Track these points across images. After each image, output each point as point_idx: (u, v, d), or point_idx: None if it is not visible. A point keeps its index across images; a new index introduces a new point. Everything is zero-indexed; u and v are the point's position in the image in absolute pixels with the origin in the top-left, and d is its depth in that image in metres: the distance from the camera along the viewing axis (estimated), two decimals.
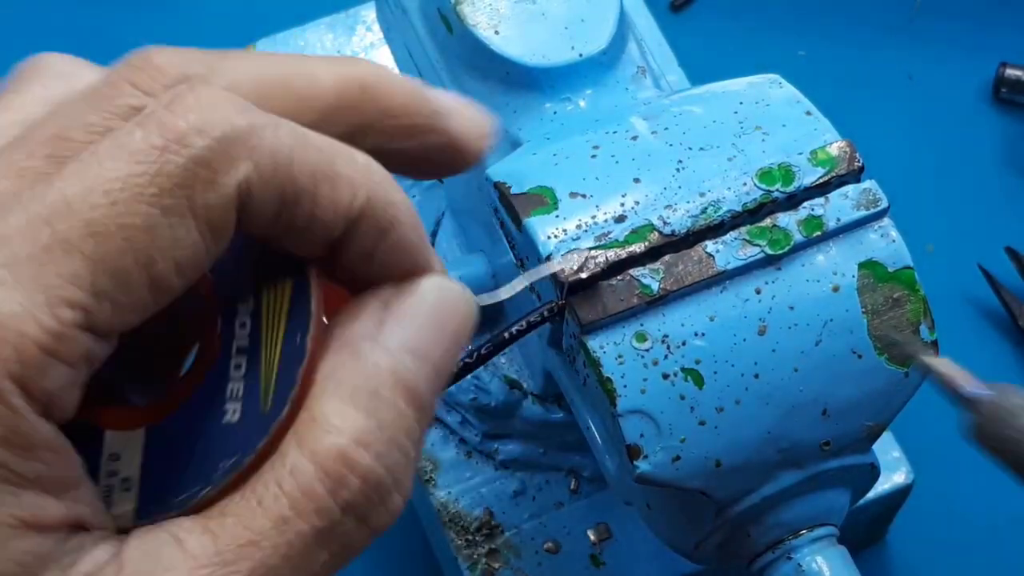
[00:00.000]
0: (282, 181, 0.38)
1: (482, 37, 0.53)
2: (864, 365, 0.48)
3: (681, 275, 0.47)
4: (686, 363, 0.47)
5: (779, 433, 0.47)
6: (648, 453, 0.47)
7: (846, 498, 0.51)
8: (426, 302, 0.40)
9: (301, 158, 0.38)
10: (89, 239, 0.36)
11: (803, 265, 0.48)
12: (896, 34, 0.79)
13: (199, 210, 0.37)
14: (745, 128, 0.50)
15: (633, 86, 0.54)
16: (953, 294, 0.73)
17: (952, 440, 0.69)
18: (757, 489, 0.48)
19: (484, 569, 0.61)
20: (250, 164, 0.37)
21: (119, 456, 0.39)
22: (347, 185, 0.39)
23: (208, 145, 0.37)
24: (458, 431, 0.63)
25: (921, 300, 0.49)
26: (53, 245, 0.36)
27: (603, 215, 0.48)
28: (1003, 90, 0.77)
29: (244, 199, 0.37)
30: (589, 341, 0.47)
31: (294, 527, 0.37)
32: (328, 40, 0.73)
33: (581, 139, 0.50)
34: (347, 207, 0.39)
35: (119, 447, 0.39)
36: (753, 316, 0.47)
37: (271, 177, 0.37)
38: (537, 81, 0.53)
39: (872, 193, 0.49)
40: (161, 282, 0.37)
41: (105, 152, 0.37)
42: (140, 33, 0.78)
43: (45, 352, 0.35)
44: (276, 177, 0.37)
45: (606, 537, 0.62)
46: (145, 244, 0.36)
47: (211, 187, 0.37)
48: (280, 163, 0.37)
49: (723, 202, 0.48)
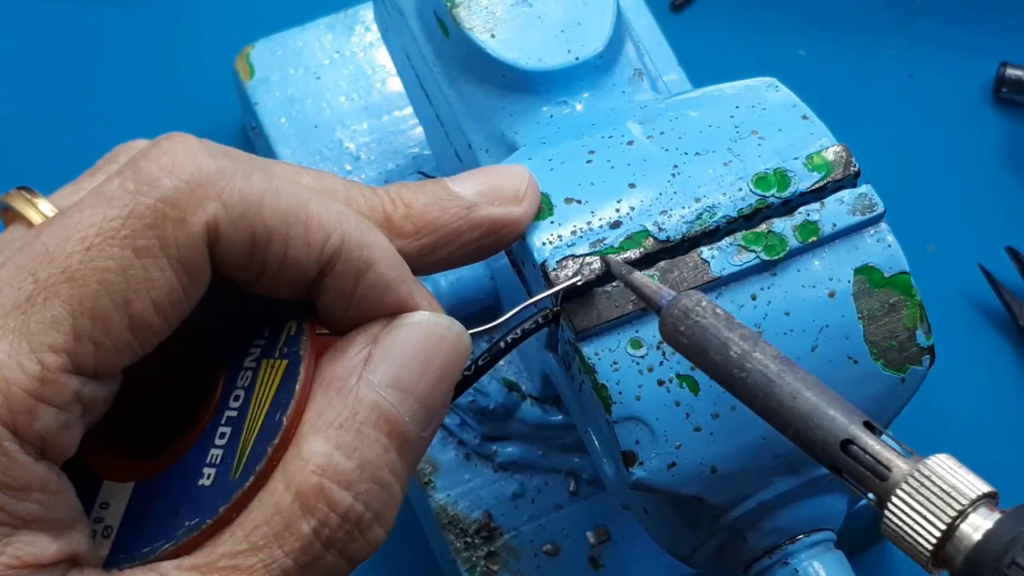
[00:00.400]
0: (252, 222, 0.39)
1: (478, 41, 0.53)
2: (860, 370, 0.48)
3: (676, 281, 0.47)
4: (681, 369, 0.47)
5: (774, 439, 0.47)
6: (644, 459, 0.47)
7: (843, 503, 0.51)
8: (412, 337, 0.42)
9: (272, 202, 0.39)
10: (66, 285, 0.37)
11: (799, 271, 0.48)
12: (896, 34, 0.79)
13: (170, 249, 0.38)
14: (741, 132, 0.50)
15: (630, 89, 0.54)
16: (953, 294, 0.73)
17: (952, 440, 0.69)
18: (753, 495, 0.48)
19: (483, 571, 0.61)
20: (218, 204, 0.38)
21: (108, 505, 0.41)
22: (320, 228, 0.40)
23: (176, 186, 0.38)
24: (457, 433, 0.63)
25: (917, 305, 0.48)
26: (35, 294, 0.37)
27: (598, 221, 0.48)
28: (1003, 90, 0.77)
29: (214, 238, 0.39)
30: (584, 348, 0.46)
31: (280, 564, 0.39)
32: (327, 40, 0.73)
33: (577, 144, 0.50)
34: (320, 249, 0.40)
35: (110, 497, 0.41)
36: (749, 322, 0.47)
37: (239, 218, 0.39)
38: (533, 84, 0.53)
39: (868, 198, 0.49)
40: (140, 321, 0.38)
41: (86, 202, 0.39)
42: (140, 33, 0.79)
43: (33, 396, 0.37)
44: (245, 218, 0.39)
45: (605, 539, 0.62)
46: (120, 285, 0.38)
47: (180, 226, 0.38)
48: (250, 205, 0.39)
49: (719, 207, 0.48)
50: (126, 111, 0.77)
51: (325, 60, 0.72)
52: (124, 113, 0.77)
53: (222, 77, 0.74)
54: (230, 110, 0.75)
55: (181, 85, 0.77)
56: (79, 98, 0.77)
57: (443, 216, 0.44)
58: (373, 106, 0.71)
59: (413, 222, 0.44)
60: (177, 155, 0.39)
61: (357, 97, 0.71)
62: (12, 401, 0.36)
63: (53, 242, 0.38)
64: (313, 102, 0.71)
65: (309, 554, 0.39)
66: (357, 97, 0.71)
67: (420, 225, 0.44)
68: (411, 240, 0.44)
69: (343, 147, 0.70)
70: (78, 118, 0.77)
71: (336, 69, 0.72)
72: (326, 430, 0.40)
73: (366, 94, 0.71)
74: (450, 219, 0.45)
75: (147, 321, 0.38)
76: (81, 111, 0.77)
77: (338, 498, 0.39)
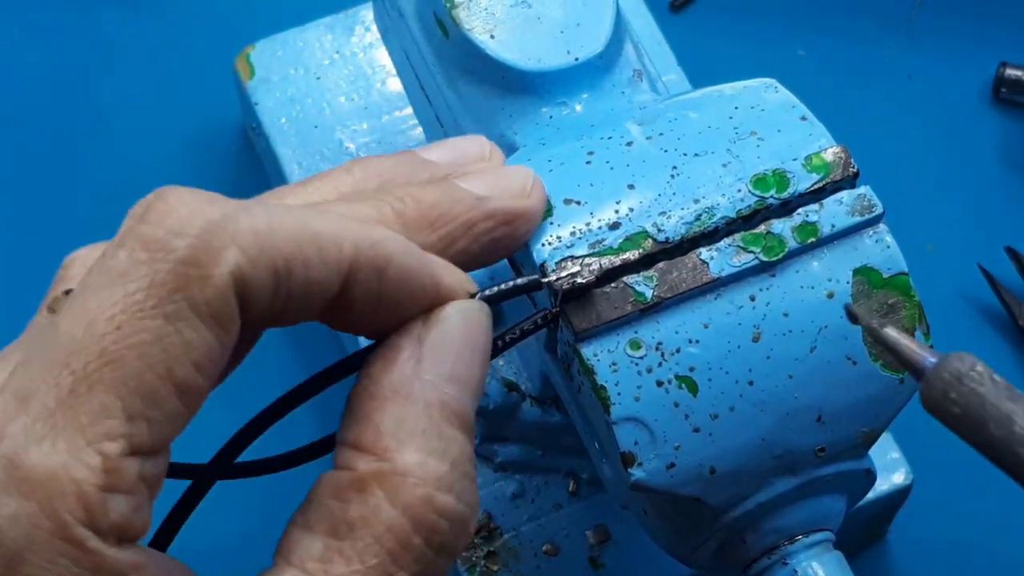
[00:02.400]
0: (271, 256, 0.38)
1: (477, 41, 0.53)
2: (859, 371, 0.48)
3: (675, 282, 0.47)
4: (680, 370, 0.47)
5: (774, 440, 0.47)
6: (643, 460, 0.47)
7: (842, 503, 0.51)
8: (455, 328, 0.42)
9: (279, 230, 0.39)
10: (107, 368, 0.36)
11: (797, 272, 0.48)
12: (896, 34, 0.79)
13: (201, 307, 0.37)
14: (740, 133, 0.50)
15: (629, 90, 0.54)
16: (953, 294, 0.73)
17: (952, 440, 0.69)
18: (752, 495, 0.48)
19: (483, 572, 0.61)
20: (235, 250, 0.38)
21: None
22: (330, 240, 0.40)
23: (190, 244, 0.37)
24: None
25: (916, 306, 0.48)
26: (76, 385, 0.36)
27: (597, 222, 0.48)
28: (1003, 90, 0.77)
29: (240, 285, 0.38)
30: (583, 349, 0.47)
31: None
32: (327, 40, 0.73)
33: (576, 145, 0.50)
34: (337, 260, 0.40)
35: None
36: (747, 323, 0.47)
37: (258, 256, 0.38)
38: (532, 85, 0.53)
39: (867, 199, 0.49)
40: (186, 386, 0.38)
41: (95, 281, 0.38)
42: (139, 33, 0.79)
43: (103, 490, 0.36)
44: (264, 255, 0.38)
45: (605, 539, 0.62)
46: (160, 356, 0.37)
47: (206, 282, 0.37)
48: (263, 240, 0.38)
49: (717, 208, 0.48)
50: (126, 111, 0.77)
51: (325, 60, 0.72)
52: (124, 113, 0.77)
53: (222, 77, 0.74)
54: (230, 110, 0.75)
55: (181, 85, 0.77)
56: (79, 98, 0.77)
57: (457, 207, 0.44)
58: (373, 106, 0.71)
59: (427, 215, 0.44)
60: (178, 212, 0.38)
61: (357, 97, 0.71)
62: (85, 500, 0.36)
63: (78, 330, 0.37)
64: (313, 102, 0.71)
65: (422, 564, 0.40)
66: (357, 97, 0.71)
67: (434, 217, 0.44)
68: (428, 233, 0.43)
69: (343, 147, 0.70)
70: (78, 118, 0.77)
71: (336, 69, 0.72)
72: (412, 440, 0.40)
73: (366, 94, 0.71)
74: (464, 209, 0.44)
75: (192, 385, 0.37)
76: (81, 111, 0.77)
77: (443, 503, 0.40)
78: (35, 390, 0.37)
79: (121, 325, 0.37)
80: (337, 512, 0.40)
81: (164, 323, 0.37)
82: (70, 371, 0.36)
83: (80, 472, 0.36)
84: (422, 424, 0.40)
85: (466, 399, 0.42)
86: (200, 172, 0.75)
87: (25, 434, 0.36)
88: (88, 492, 0.36)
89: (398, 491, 0.40)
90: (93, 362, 0.36)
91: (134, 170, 0.74)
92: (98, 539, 0.36)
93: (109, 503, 0.36)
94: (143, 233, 0.37)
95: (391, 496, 0.39)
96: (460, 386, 0.42)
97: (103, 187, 0.74)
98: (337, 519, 0.40)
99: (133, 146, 0.76)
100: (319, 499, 0.41)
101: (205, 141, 0.76)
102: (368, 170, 0.46)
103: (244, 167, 0.75)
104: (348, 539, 0.39)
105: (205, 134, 0.76)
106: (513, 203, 0.46)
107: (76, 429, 0.36)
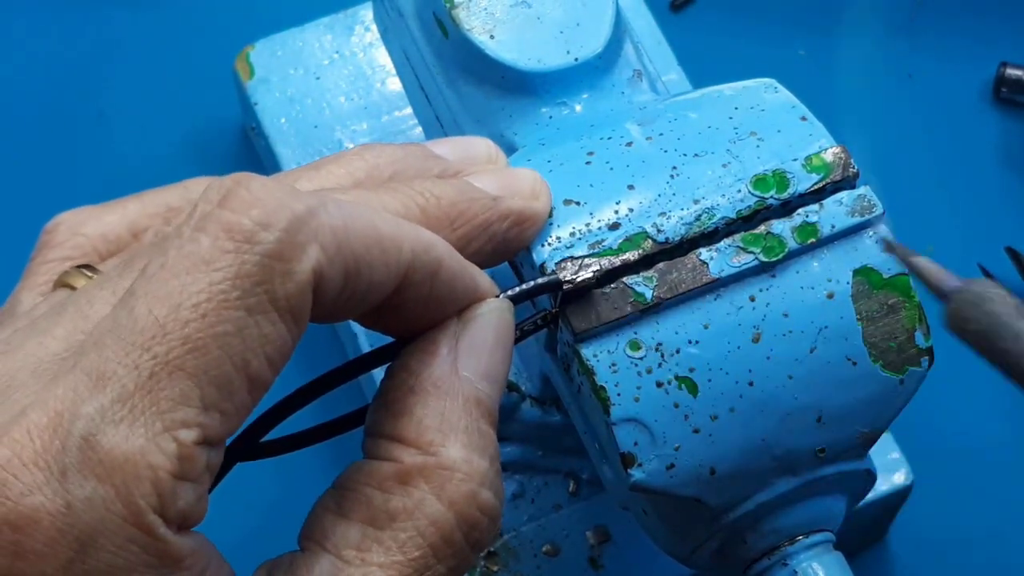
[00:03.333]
0: (345, 256, 0.38)
1: (477, 41, 0.53)
2: (859, 372, 0.48)
3: (675, 283, 0.47)
4: (680, 371, 0.47)
5: (774, 440, 0.47)
6: (642, 461, 0.47)
7: (842, 504, 0.51)
8: (490, 327, 0.43)
9: (353, 230, 0.39)
10: (190, 356, 0.36)
11: (797, 272, 0.48)
12: (896, 34, 0.79)
13: (280, 302, 0.37)
14: (740, 134, 0.50)
15: (629, 90, 0.54)
16: None
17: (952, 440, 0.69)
18: (752, 496, 0.48)
19: (483, 572, 0.61)
20: (317, 247, 0.38)
21: None
22: (392, 244, 0.40)
23: (278, 238, 0.37)
24: None
25: (916, 306, 0.48)
26: (157, 370, 0.36)
27: (597, 222, 0.48)
28: (1003, 90, 0.77)
29: (318, 282, 0.38)
30: (583, 349, 0.46)
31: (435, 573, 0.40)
32: (327, 40, 0.73)
33: (576, 145, 0.50)
34: (396, 264, 0.40)
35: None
36: (747, 323, 0.47)
37: (335, 255, 0.38)
38: (532, 85, 0.53)
39: (867, 199, 0.49)
40: (257, 380, 0.38)
41: (176, 264, 0.37)
42: (139, 33, 0.79)
43: (176, 477, 0.36)
44: (340, 253, 0.38)
45: (605, 540, 0.62)
46: (239, 348, 0.37)
47: (288, 277, 0.37)
48: (340, 240, 0.38)
49: (717, 209, 0.48)
50: (126, 111, 0.77)
51: (325, 60, 0.72)
52: (124, 113, 0.77)
53: (222, 77, 0.74)
54: (230, 110, 0.75)
55: (181, 85, 0.77)
56: (78, 98, 0.77)
57: (474, 206, 0.44)
58: (373, 106, 0.71)
59: (448, 213, 0.44)
60: (264, 203, 0.37)
61: (357, 97, 0.71)
62: (159, 487, 0.36)
63: (162, 313, 0.36)
64: (313, 102, 0.71)
65: (459, 558, 0.40)
66: (357, 97, 0.71)
67: (454, 216, 0.44)
68: (448, 232, 0.44)
69: (343, 147, 0.70)
70: (78, 118, 0.77)
71: (336, 69, 0.72)
72: (456, 435, 0.40)
73: (366, 94, 0.71)
74: (480, 209, 0.45)
75: (262, 378, 0.37)
76: (81, 111, 0.77)
77: (485, 499, 0.40)
78: (111, 371, 0.36)
79: (207, 313, 0.36)
80: (378, 502, 0.40)
81: (245, 315, 0.37)
82: (152, 355, 0.36)
83: (157, 458, 0.36)
84: (464, 420, 0.41)
85: (494, 396, 0.42)
86: (200, 172, 0.74)
87: (102, 416, 0.36)
88: (163, 479, 0.36)
89: (445, 486, 0.40)
90: (176, 348, 0.36)
91: (134, 170, 0.74)
92: (166, 528, 0.36)
93: (179, 491, 0.36)
94: (228, 220, 0.37)
95: (437, 490, 0.40)
96: (491, 383, 0.42)
97: (103, 187, 0.74)
98: (377, 509, 0.40)
99: (133, 146, 0.76)
100: (357, 488, 0.41)
101: (205, 141, 0.76)
102: (381, 157, 0.46)
103: (244, 167, 0.74)
104: (388, 529, 0.39)
105: (205, 134, 0.76)
106: (525, 204, 0.46)
107: (155, 414, 0.36)
